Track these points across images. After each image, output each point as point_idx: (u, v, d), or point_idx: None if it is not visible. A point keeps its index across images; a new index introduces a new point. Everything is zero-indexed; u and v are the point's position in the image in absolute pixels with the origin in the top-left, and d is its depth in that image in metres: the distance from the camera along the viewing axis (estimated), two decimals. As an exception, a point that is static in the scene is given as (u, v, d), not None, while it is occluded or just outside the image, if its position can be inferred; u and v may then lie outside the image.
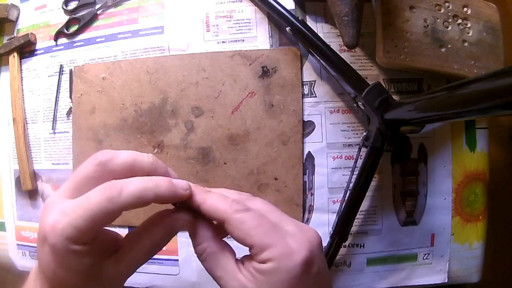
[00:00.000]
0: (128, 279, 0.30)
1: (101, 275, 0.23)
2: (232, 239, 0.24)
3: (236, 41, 0.52)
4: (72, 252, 0.21)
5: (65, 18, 0.56)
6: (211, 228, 0.26)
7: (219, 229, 0.26)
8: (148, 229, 0.25)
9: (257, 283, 0.23)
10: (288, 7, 0.48)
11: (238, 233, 0.23)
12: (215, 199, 0.25)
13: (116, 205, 0.21)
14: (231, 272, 0.24)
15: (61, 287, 0.23)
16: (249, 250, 0.24)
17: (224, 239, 0.27)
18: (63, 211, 0.22)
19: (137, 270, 0.26)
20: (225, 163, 0.50)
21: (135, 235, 0.25)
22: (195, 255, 0.26)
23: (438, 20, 0.47)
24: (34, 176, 0.56)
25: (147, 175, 0.24)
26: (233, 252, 0.26)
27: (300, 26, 0.46)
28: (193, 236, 0.26)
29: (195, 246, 0.26)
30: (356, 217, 0.46)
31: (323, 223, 0.50)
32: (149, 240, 0.25)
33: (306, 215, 0.50)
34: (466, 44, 0.47)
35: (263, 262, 0.23)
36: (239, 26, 0.52)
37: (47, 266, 0.22)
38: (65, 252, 0.21)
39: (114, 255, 0.24)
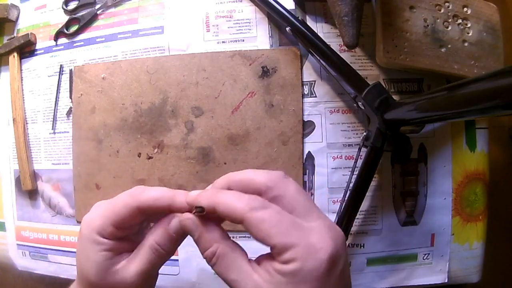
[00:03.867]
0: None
1: (114, 273, 0.25)
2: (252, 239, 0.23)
3: (236, 41, 0.52)
4: (94, 242, 0.25)
5: (65, 18, 0.56)
6: (219, 229, 0.25)
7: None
8: (151, 231, 0.26)
9: (276, 284, 0.21)
10: (288, 7, 0.48)
11: (258, 233, 0.22)
12: (229, 198, 0.23)
13: (135, 201, 0.25)
14: (246, 273, 0.23)
15: (82, 278, 0.26)
16: (271, 250, 0.22)
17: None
18: (96, 207, 0.26)
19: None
20: (225, 163, 0.50)
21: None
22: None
23: (438, 20, 0.47)
24: (34, 176, 0.56)
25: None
26: (245, 253, 0.24)
27: (300, 26, 0.46)
28: (199, 240, 0.24)
29: (203, 251, 0.24)
30: (356, 217, 0.46)
31: (323, 223, 0.50)
32: (151, 240, 0.25)
33: (306, 215, 0.50)
34: (466, 44, 0.47)
35: (286, 262, 0.21)
36: (239, 26, 0.52)
37: (77, 256, 0.26)
38: (89, 240, 0.25)
39: (128, 258, 0.26)
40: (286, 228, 0.22)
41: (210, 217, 0.24)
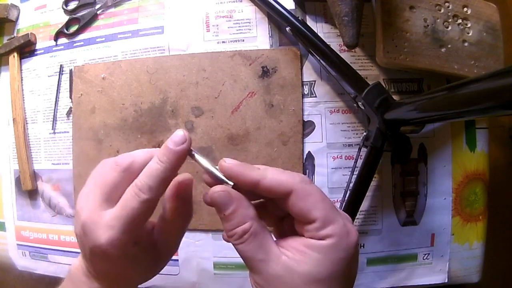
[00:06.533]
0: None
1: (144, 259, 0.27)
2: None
3: (236, 41, 0.52)
4: (127, 256, 0.25)
5: (65, 18, 0.56)
6: (252, 206, 0.24)
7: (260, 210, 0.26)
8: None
9: (309, 262, 0.22)
10: (288, 7, 0.48)
11: (304, 205, 0.22)
12: (276, 172, 0.23)
13: (145, 203, 0.24)
14: (275, 254, 0.23)
15: (94, 250, 0.24)
16: (308, 225, 0.23)
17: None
18: (110, 225, 0.24)
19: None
20: (225, 163, 0.50)
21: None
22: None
23: (438, 20, 0.47)
24: (34, 176, 0.56)
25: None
26: (271, 234, 0.24)
27: (300, 26, 0.46)
28: (231, 215, 0.23)
29: (234, 227, 0.23)
30: (356, 217, 0.46)
31: (323, 223, 0.50)
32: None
33: (306, 215, 0.50)
34: (466, 44, 0.47)
35: (323, 238, 0.22)
36: (239, 26, 0.52)
37: (82, 231, 0.25)
38: (121, 256, 0.24)
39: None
40: (330, 206, 0.23)
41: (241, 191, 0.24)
